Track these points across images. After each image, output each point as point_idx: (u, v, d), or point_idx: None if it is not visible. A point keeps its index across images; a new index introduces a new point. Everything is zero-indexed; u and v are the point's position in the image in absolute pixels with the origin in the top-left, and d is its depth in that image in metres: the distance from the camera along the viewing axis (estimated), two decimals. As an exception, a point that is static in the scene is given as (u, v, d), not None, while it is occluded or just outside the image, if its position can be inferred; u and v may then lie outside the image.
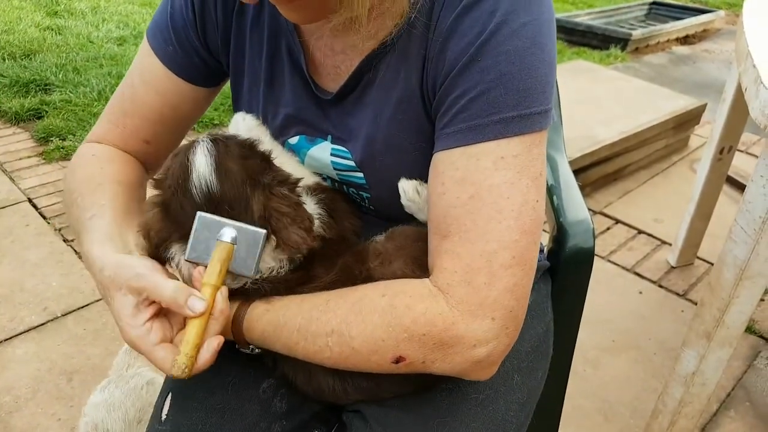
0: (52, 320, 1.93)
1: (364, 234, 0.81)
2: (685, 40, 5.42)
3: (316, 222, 0.73)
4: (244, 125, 0.81)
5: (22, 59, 3.83)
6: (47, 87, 3.48)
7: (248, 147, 0.71)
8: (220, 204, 0.66)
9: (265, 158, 0.72)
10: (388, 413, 0.75)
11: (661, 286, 2.20)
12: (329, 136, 0.79)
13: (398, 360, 0.65)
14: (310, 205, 0.75)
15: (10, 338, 1.85)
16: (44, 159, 2.87)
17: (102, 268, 0.69)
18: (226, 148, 0.68)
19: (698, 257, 2.32)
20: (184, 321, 0.65)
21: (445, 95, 0.66)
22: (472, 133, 0.64)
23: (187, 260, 0.68)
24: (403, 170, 0.75)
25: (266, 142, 0.78)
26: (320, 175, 0.85)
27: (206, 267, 0.66)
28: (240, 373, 0.77)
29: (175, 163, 0.69)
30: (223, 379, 0.80)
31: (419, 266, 0.71)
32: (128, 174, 0.85)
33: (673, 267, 2.29)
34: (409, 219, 0.79)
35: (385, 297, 0.66)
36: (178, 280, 0.68)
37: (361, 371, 0.68)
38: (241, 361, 0.78)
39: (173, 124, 0.89)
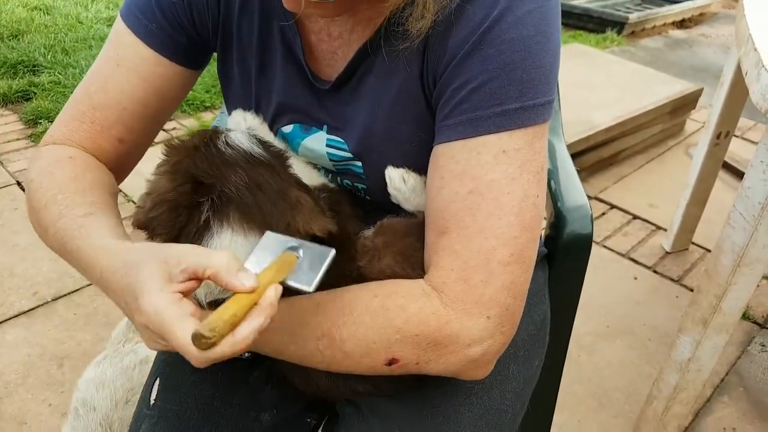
0: (42, 305, 1.91)
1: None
2: (682, 23, 5.38)
3: None
4: (245, 126, 0.78)
5: (9, 40, 3.76)
6: (36, 68, 3.42)
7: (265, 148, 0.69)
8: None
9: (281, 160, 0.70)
10: (381, 403, 0.74)
11: (655, 272, 2.20)
12: (325, 126, 0.77)
13: (391, 362, 0.63)
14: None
15: (0, 323, 1.83)
16: (33, 141, 2.83)
17: (119, 252, 0.59)
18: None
19: (693, 243, 2.32)
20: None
21: (446, 85, 0.64)
22: (473, 126, 0.62)
23: (245, 268, 0.60)
24: (401, 161, 0.73)
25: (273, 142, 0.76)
26: (315, 166, 0.82)
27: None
28: (230, 363, 0.76)
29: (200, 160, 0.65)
30: (213, 367, 0.77)
31: (409, 263, 0.69)
32: (107, 182, 0.76)
33: (668, 252, 2.29)
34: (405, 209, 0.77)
35: (378, 298, 0.64)
36: None
37: (354, 374, 0.67)
38: None
39: (153, 116, 0.80)
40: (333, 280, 0.69)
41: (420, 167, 0.73)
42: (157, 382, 0.79)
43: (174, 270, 0.54)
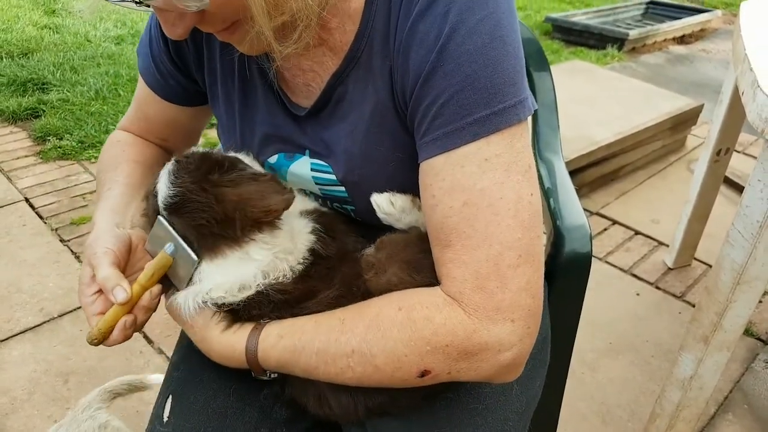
0: (48, 321, 1.92)
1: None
2: (682, 39, 5.42)
3: (313, 237, 0.74)
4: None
5: (19, 58, 3.82)
6: (45, 86, 3.47)
7: (206, 158, 0.74)
8: (184, 214, 0.71)
9: (220, 163, 0.74)
10: (389, 423, 0.75)
11: (658, 288, 2.20)
12: (307, 151, 0.79)
13: (423, 374, 0.64)
14: (306, 224, 0.76)
15: (6, 339, 1.85)
16: (41, 158, 2.86)
17: (90, 236, 0.76)
18: (186, 164, 0.73)
19: (695, 258, 2.32)
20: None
21: (417, 105, 0.66)
22: (450, 138, 0.64)
23: (145, 248, 0.77)
24: (383, 182, 0.75)
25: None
26: (304, 191, 0.85)
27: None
28: (241, 379, 0.77)
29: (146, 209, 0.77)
30: (224, 384, 0.80)
31: (414, 269, 0.70)
32: (146, 155, 0.92)
33: (670, 268, 2.29)
34: None
35: (402, 311, 0.65)
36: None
37: (384, 387, 0.68)
38: (242, 369, 0.78)
39: (181, 132, 0.96)
40: (342, 296, 0.71)
41: (404, 185, 0.74)
42: (170, 399, 0.81)
43: (95, 273, 0.71)
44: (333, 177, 0.78)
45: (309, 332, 0.68)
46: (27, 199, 2.55)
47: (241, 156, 0.79)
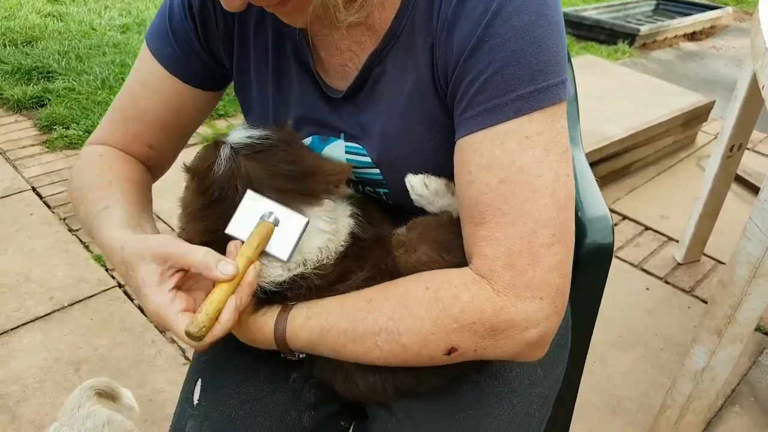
0: (58, 310, 1.92)
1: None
2: (693, 36, 5.40)
3: (352, 221, 0.75)
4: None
5: (23, 46, 3.81)
6: (50, 74, 3.46)
7: (280, 129, 0.75)
8: (268, 159, 0.70)
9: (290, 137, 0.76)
10: (414, 405, 0.75)
11: (667, 283, 2.20)
12: (342, 135, 0.79)
13: (450, 351, 0.65)
14: (345, 208, 0.76)
15: (17, 327, 1.85)
16: (48, 147, 2.86)
17: (123, 246, 0.68)
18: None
19: (705, 254, 2.32)
20: (209, 291, 0.64)
21: (459, 81, 0.66)
22: (492, 114, 0.63)
23: (226, 232, 0.68)
24: (418, 163, 0.75)
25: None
26: None
27: (243, 243, 0.66)
28: (270, 362, 0.78)
29: (208, 153, 0.71)
30: (255, 368, 0.80)
31: (444, 249, 0.71)
32: (135, 173, 0.85)
33: (679, 264, 2.29)
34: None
35: (429, 289, 0.65)
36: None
37: (411, 366, 0.68)
38: (271, 351, 0.78)
39: (176, 129, 0.88)
40: (372, 278, 0.71)
41: (438, 168, 0.74)
42: (199, 382, 0.81)
43: (163, 267, 0.64)
44: (368, 159, 0.77)
45: (336, 312, 0.68)
46: (34, 189, 2.54)
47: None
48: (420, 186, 0.74)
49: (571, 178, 0.65)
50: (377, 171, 0.78)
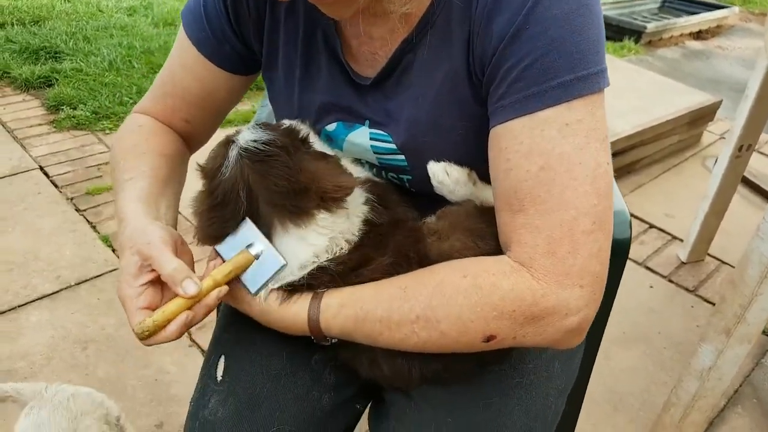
0: (65, 289, 1.93)
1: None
2: (699, 35, 5.39)
3: (366, 208, 0.74)
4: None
5: (31, 25, 3.79)
6: (57, 55, 3.45)
7: (292, 129, 0.75)
8: (266, 167, 0.69)
9: (303, 136, 0.74)
10: (435, 393, 0.76)
11: (671, 281, 2.21)
12: (367, 121, 0.79)
13: (489, 339, 0.65)
14: (360, 194, 0.76)
15: (24, 305, 1.85)
16: (55, 127, 2.85)
17: (126, 225, 0.72)
18: (275, 127, 0.73)
19: (709, 254, 2.33)
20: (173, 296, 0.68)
21: (497, 68, 0.66)
22: (532, 101, 0.64)
23: (215, 248, 0.72)
24: (445, 150, 0.75)
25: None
26: (360, 161, 0.85)
27: (222, 263, 0.71)
28: (291, 343, 0.78)
29: (219, 153, 0.73)
30: (278, 347, 0.81)
31: (478, 236, 0.71)
32: (171, 147, 0.88)
33: (683, 263, 2.30)
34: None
35: (467, 278, 0.66)
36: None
37: (447, 353, 0.68)
38: None
39: (210, 108, 0.91)
40: (397, 264, 0.72)
41: (466, 157, 0.74)
42: (223, 359, 0.82)
43: (144, 262, 0.68)
44: (392, 146, 0.78)
45: (370, 300, 0.69)
46: (41, 168, 2.54)
47: (297, 123, 0.80)
48: (441, 173, 0.75)
49: (611, 167, 0.66)
50: (402, 157, 0.78)
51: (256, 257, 0.69)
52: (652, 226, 2.51)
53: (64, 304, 1.87)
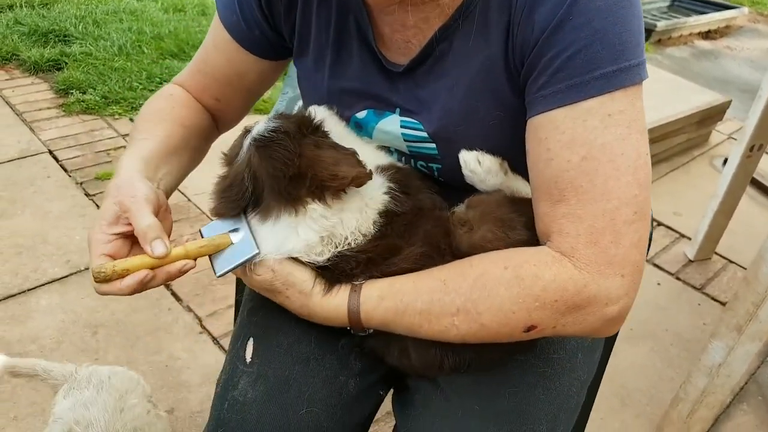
0: (75, 273, 1.93)
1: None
2: (707, 35, 5.38)
3: (387, 197, 0.75)
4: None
5: (40, 8, 3.77)
6: (66, 38, 3.43)
7: (305, 118, 0.76)
8: (269, 153, 0.71)
9: (315, 125, 0.75)
10: (461, 381, 0.77)
11: (678, 279, 2.22)
12: (397, 109, 0.79)
13: (530, 329, 0.66)
14: (382, 184, 0.76)
15: (34, 288, 1.86)
16: (64, 111, 2.84)
17: (117, 175, 0.74)
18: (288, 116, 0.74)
19: (716, 253, 2.34)
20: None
21: (538, 58, 0.66)
22: (574, 91, 0.64)
23: (200, 231, 0.75)
24: (477, 139, 0.75)
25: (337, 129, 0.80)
26: (389, 149, 0.85)
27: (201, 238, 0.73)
28: (319, 328, 0.79)
29: (237, 143, 0.76)
30: (306, 330, 0.81)
31: (508, 226, 0.71)
32: (194, 120, 0.90)
33: (690, 261, 2.31)
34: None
35: (508, 269, 0.66)
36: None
37: (486, 343, 0.69)
38: None
39: (241, 89, 0.93)
40: (428, 254, 0.72)
41: (498, 146, 0.75)
42: (251, 341, 0.82)
43: (122, 214, 0.69)
44: (423, 134, 0.78)
45: (409, 293, 0.69)
46: (51, 152, 2.54)
47: (324, 110, 0.80)
48: (473, 162, 0.75)
49: (649, 158, 0.66)
50: (433, 145, 0.78)
51: (232, 242, 0.71)
52: (660, 224, 2.51)
53: (74, 289, 1.87)
